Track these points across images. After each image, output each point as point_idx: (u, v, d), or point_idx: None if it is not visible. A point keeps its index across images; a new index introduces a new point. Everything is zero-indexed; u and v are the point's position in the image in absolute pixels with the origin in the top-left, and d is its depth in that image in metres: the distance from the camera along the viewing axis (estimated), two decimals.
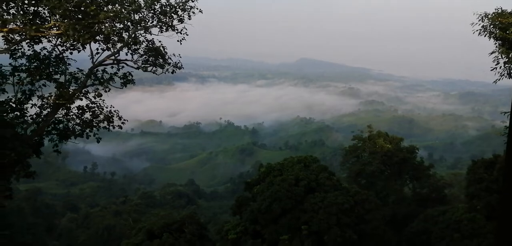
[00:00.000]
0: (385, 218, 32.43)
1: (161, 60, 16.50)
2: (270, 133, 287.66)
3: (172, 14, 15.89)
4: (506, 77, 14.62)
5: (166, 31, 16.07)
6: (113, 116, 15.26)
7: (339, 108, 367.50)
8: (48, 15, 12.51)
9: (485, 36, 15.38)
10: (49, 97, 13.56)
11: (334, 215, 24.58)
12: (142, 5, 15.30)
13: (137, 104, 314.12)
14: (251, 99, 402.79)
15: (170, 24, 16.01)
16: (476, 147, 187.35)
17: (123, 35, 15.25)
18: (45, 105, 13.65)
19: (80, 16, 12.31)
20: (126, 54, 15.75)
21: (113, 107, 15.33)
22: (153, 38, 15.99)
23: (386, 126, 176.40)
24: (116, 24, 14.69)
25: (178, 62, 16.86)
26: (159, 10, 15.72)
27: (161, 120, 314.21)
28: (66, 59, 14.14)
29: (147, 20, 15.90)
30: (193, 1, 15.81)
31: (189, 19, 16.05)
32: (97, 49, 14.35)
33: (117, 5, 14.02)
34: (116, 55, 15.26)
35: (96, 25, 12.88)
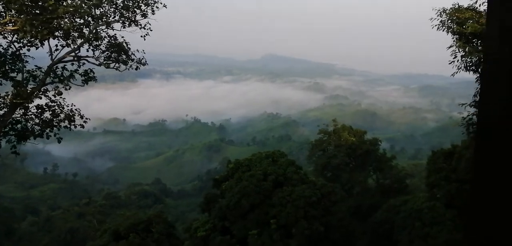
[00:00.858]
0: (350, 209, 33.38)
1: (124, 56, 16.07)
2: (238, 129, 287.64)
3: (135, 9, 15.55)
4: (463, 70, 15.30)
5: (129, 26, 15.68)
6: (75, 115, 14.70)
7: (305, 103, 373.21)
8: (3, 10, 11.85)
9: (443, 31, 16.00)
10: (6, 97, 12.85)
11: (302, 208, 25.01)
12: None
13: (99, 103, 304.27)
14: (218, 95, 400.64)
15: (133, 19, 15.66)
16: (435, 138, 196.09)
17: (84, 30, 14.74)
18: (2, 105, 12.93)
19: (37, 11, 11.76)
20: (87, 51, 15.23)
21: (75, 105, 14.78)
22: (115, 34, 15.54)
23: (350, 119, 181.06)
24: (76, 19, 14.17)
25: (142, 58, 16.51)
26: (121, 4, 15.32)
27: (124, 118, 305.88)
28: (23, 57, 13.45)
29: (109, 15, 15.43)
30: None
31: (153, 14, 15.77)
32: (56, 45, 13.77)
33: None
34: (76, 52, 14.70)
35: (55, 20, 12.35)
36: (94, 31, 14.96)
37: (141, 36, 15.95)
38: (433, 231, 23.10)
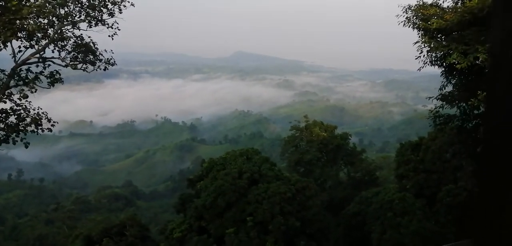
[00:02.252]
0: (324, 203, 33.94)
1: (91, 57, 15.71)
2: (209, 127, 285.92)
3: (102, 8, 15.21)
4: (428, 64, 15.80)
5: (95, 26, 15.33)
6: (42, 118, 14.19)
7: (276, 100, 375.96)
8: None
9: (409, 27, 16.47)
10: None
11: (278, 204, 25.19)
12: None
13: (64, 105, 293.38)
14: (188, 94, 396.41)
15: (99, 18, 15.31)
16: (401, 131, 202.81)
17: (49, 31, 14.25)
18: None
19: (0, 12, 11.22)
20: (53, 52, 14.77)
21: (41, 109, 14.25)
22: (82, 34, 15.17)
23: (320, 115, 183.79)
24: (40, 20, 13.67)
25: (111, 59, 16.22)
26: (87, 3, 14.93)
27: (91, 120, 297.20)
28: None
29: (74, 15, 15.01)
30: None
31: (120, 13, 15.48)
32: (20, 47, 13.23)
33: None
34: (41, 53, 14.21)
35: (18, 21, 11.84)
36: (59, 31, 14.50)
37: (109, 36, 15.61)
38: (404, 220, 23.90)
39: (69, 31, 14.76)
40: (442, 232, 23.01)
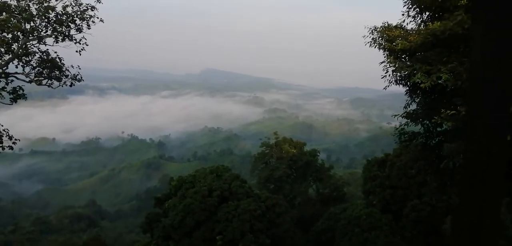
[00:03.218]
0: (294, 220, 34.09)
1: (57, 73, 15.27)
2: (178, 144, 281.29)
3: (70, 23, 14.86)
4: (393, 84, 16.37)
5: (62, 41, 14.92)
6: (2, 136, 13.55)
7: (246, 117, 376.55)
8: None
9: (375, 47, 17.05)
10: None
11: (248, 222, 25.06)
12: (35, 13, 13.98)
13: (26, 121, 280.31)
14: (156, 111, 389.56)
15: (67, 33, 14.93)
16: (367, 147, 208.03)
17: (13, 46, 13.73)
18: None
19: None
20: (16, 67, 14.22)
21: (2, 125, 13.62)
22: (47, 49, 14.72)
23: (289, 131, 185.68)
24: (4, 34, 13.16)
25: (77, 74, 15.84)
26: (55, 19, 14.54)
27: (54, 137, 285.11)
28: None
29: (40, 30, 14.57)
30: (92, 10, 15.00)
31: (89, 28, 15.19)
32: None
33: (4, 13, 12.55)
34: (4, 68, 13.63)
35: None
36: (23, 46, 14.00)
37: (76, 51, 15.24)
38: (372, 236, 24.40)
39: (34, 46, 14.30)
40: None
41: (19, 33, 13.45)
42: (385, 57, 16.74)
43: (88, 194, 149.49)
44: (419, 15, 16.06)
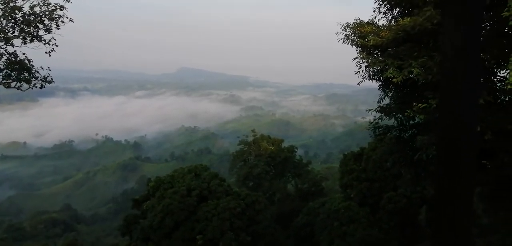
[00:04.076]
0: (274, 216, 34.31)
1: (26, 74, 14.81)
2: (154, 145, 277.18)
3: (38, 24, 14.42)
4: (367, 79, 16.68)
5: (31, 42, 14.47)
6: None
7: (223, 115, 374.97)
8: None
9: (348, 44, 17.31)
10: None
11: (227, 220, 25.04)
12: (0, 14, 13.49)
13: None
14: (131, 111, 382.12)
15: (35, 34, 14.49)
16: (343, 142, 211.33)
17: None
18: None
19: None
20: None
21: None
22: (15, 51, 14.23)
23: (266, 129, 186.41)
24: None
25: (48, 76, 15.41)
26: (22, 19, 14.08)
27: (25, 141, 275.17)
28: None
29: (7, 31, 14.07)
30: (61, 10, 14.59)
31: (58, 28, 14.78)
32: None
33: None
34: None
35: None
36: None
37: (46, 52, 14.81)
38: (350, 229, 24.86)
39: (1, 48, 13.80)
40: (386, 238, 24.21)
41: None
42: (358, 53, 17.01)
43: (62, 198, 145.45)
44: (390, 12, 16.39)
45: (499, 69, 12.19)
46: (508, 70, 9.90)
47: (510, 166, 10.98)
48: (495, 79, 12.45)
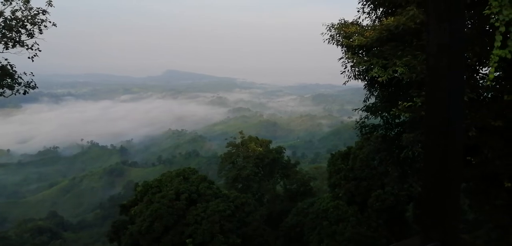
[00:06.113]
0: (263, 218, 34.35)
1: (9, 80, 14.54)
2: (141, 149, 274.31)
3: (20, 29, 14.18)
4: (352, 79, 16.83)
5: (13, 47, 14.21)
6: None
7: (210, 118, 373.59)
8: None
9: (333, 44, 17.43)
10: None
11: (217, 223, 24.95)
12: None
13: None
14: (117, 115, 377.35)
15: (17, 39, 14.24)
16: (330, 142, 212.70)
17: None
18: None
19: None
20: None
21: None
22: None
23: (254, 130, 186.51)
24: None
25: (31, 81, 15.16)
26: (3, 24, 13.82)
27: (8, 148, 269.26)
28: None
29: None
30: (44, 14, 14.38)
31: (41, 33, 14.56)
32: None
33: None
34: None
35: None
36: None
37: (29, 57, 14.57)
38: (340, 228, 25.04)
39: None
40: (374, 236, 24.44)
41: None
42: (343, 53, 17.13)
43: (48, 206, 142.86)
44: (374, 12, 16.57)
45: (481, 67, 12.45)
46: (490, 67, 10.13)
47: (494, 161, 11.22)
48: (478, 77, 12.71)
